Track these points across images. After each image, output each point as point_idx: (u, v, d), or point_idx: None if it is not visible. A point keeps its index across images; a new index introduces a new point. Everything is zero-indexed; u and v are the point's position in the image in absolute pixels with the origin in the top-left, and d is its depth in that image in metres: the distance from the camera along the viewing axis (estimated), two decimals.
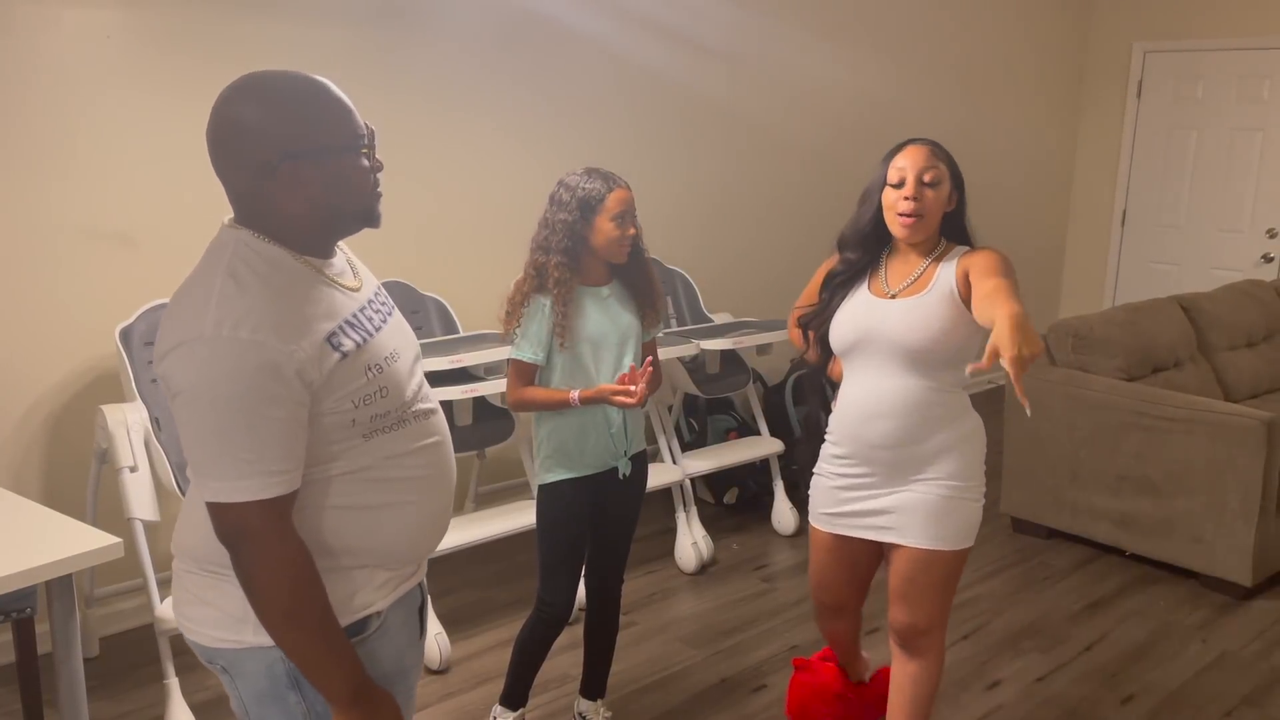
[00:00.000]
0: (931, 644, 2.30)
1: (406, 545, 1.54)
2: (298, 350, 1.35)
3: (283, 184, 1.38)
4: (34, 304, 2.98)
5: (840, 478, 2.27)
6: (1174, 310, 4.44)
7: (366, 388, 1.43)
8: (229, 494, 1.34)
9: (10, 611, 2.41)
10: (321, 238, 1.46)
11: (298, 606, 1.38)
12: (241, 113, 1.39)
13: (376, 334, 1.48)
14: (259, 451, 1.33)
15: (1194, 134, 6.16)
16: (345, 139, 1.42)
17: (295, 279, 1.41)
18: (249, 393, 1.32)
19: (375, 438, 1.46)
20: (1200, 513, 3.67)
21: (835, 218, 2.32)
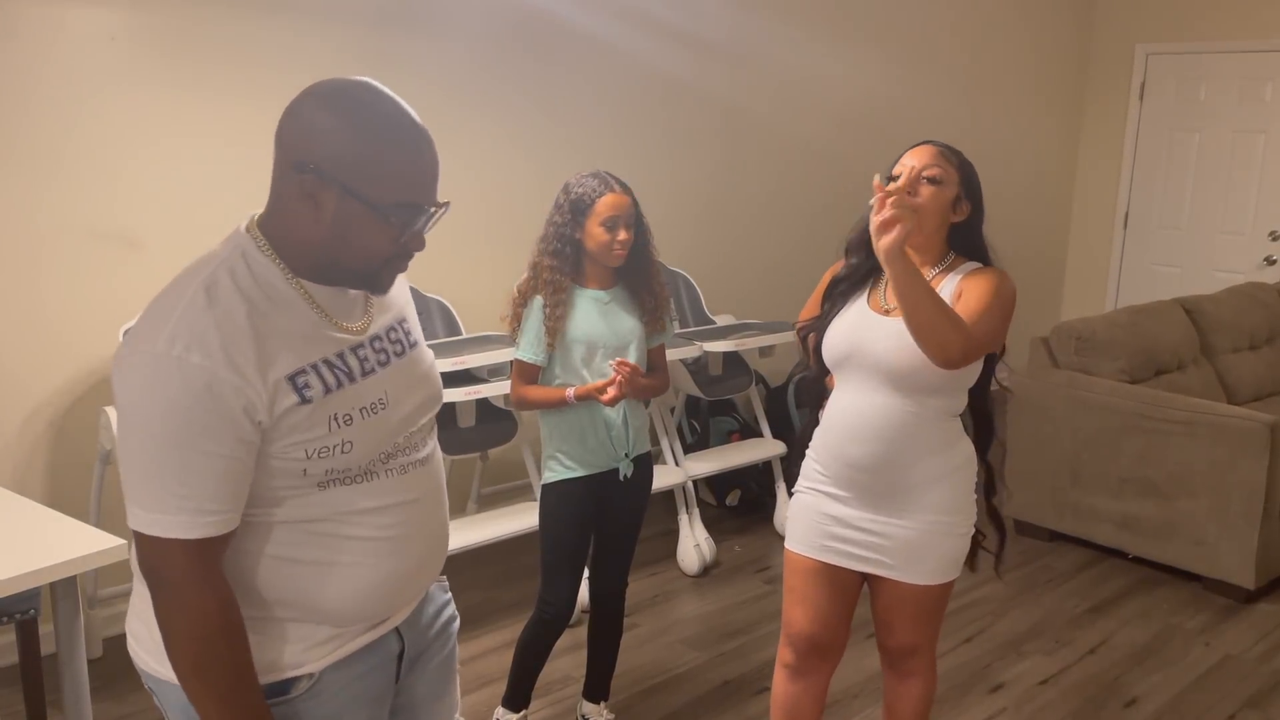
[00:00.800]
0: (920, 664, 2.24)
1: (355, 607, 1.37)
2: (249, 386, 1.22)
3: (301, 192, 1.26)
4: (38, 305, 2.99)
5: (824, 498, 2.13)
6: (1176, 312, 4.44)
7: (326, 439, 1.29)
8: (152, 526, 1.22)
9: (14, 613, 2.41)
10: (318, 270, 1.32)
11: (207, 661, 1.25)
12: (314, 108, 1.26)
13: (362, 379, 1.34)
14: (191, 487, 1.21)
15: (1196, 136, 6.15)
16: (385, 198, 1.26)
17: (278, 303, 1.29)
18: (189, 423, 1.20)
19: (332, 488, 1.32)
20: (1203, 515, 3.67)
21: (840, 220, 2.30)
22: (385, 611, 1.43)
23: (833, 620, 2.19)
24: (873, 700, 2.98)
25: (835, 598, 2.17)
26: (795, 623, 2.21)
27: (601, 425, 2.46)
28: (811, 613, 2.18)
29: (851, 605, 2.21)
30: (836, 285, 2.16)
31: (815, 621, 2.19)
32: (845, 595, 2.18)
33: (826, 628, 2.19)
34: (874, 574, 2.13)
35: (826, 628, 2.19)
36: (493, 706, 2.76)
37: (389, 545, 1.38)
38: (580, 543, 2.53)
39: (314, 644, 1.37)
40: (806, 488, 2.18)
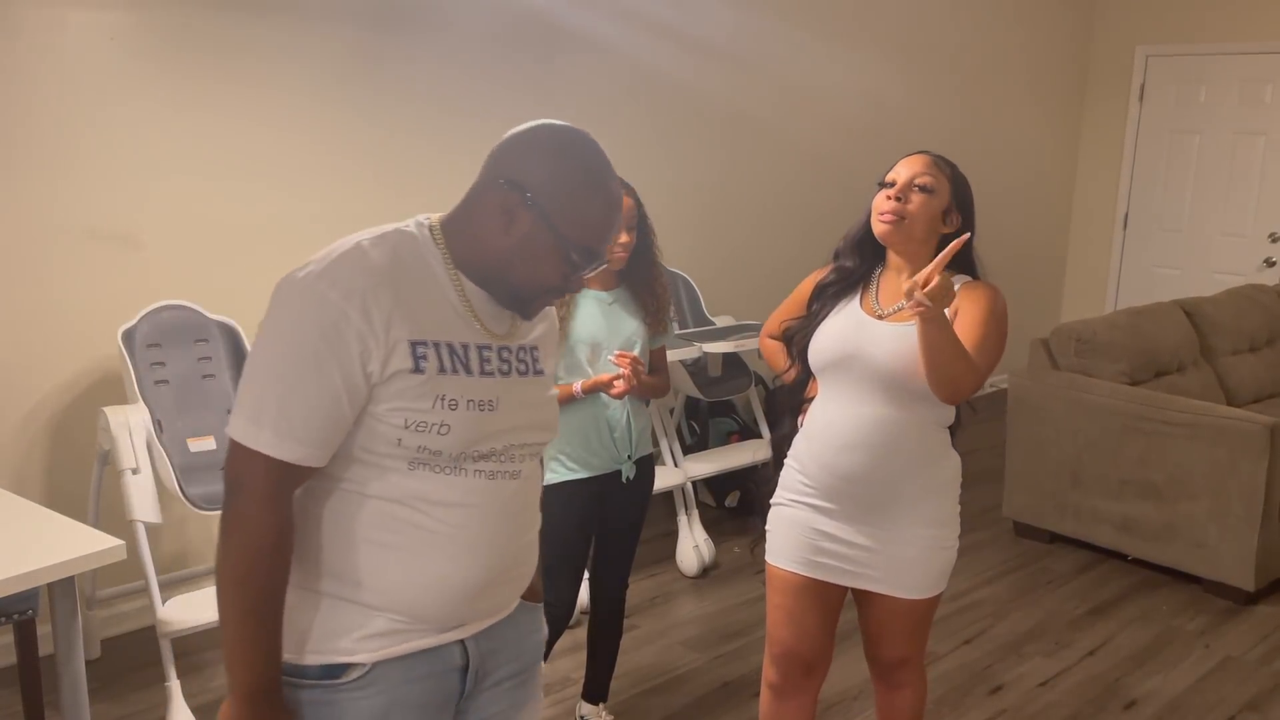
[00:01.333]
0: (909, 676, 2.21)
1: (416, 600, 1.39)
2: (373, 336, 1.30)
3: (500, 203, 1.37)
4: (37, 305, 2.98)
5: (810, 511, 2.08)
6: (1176, 314, 4.43)
7: (426, 415, 1.34)
8: (245, 435, 1.29)
9: (12, 613, 2.40)
10: (482, 274, 1.41)
11: (251, 575, 1.31)
12: (539, 141, 1.39)
13: (479, 375, 1.39)
14: (289, 411, 1.28)
15: (1196, 138, 6.15)
16: (571, 234, 1.37)
17: (426, 281, 1.37)
18: (307, 352, 1.28)
19: (420, 471, 1.36)
20: (1203, 517, 3.67)
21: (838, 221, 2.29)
22: (447, 615, 1.42)
23: (819, 637, 2.16)
24: (870, 702, 2.96)
25: (821, 613, 2.14)
26: (780, 641, 2.17)
27: (604, 427, 2.46)
28: (794, 630, 2.14)
29: (835, 619, 2.18)
30: (826, 285, 2.12)
31: (802, 640, 2.15)
32: (830, 610, 2.15)
33: (814, 646, 2.15)
34: (862, 588, 2.09)
35: (814, 646, 2.15)
36: None
37: (461, 546, 1.39)
38: (581, 544, 2.53)
39: (372, 634, 1.38)
40: (790, 500, 2.13)
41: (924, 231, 2.00)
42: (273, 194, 3.36)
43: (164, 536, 3.26)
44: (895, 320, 2.01)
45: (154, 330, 3.01)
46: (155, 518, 2.78)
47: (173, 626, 2.68)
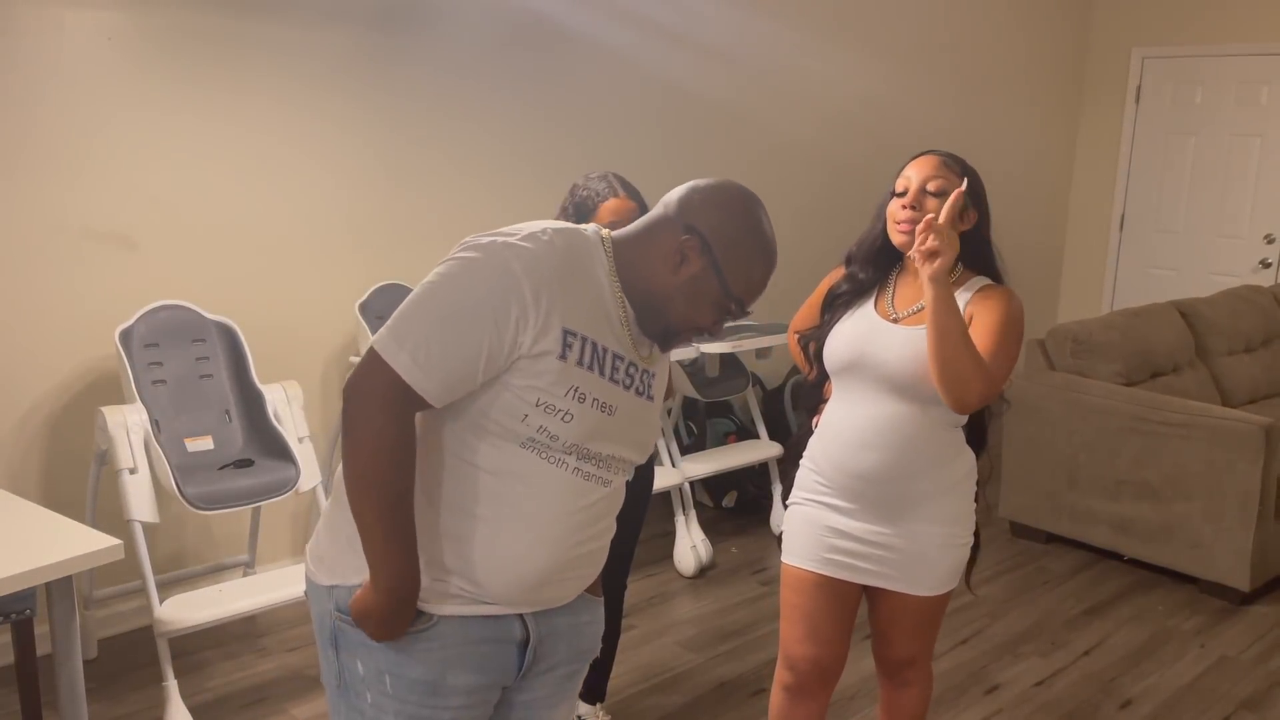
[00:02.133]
0: (915, 675, 2.22)
1: (486, 572, 1.47)
2: (533, 313, 1.39)
3: (677, 244, 1.49)
4: (34, 305, 2.98)
5: (825, 510, 2.08)
6: (1172, 315, 4.45)
7: (557, 399, 1.43)
8: (383, 347, 1.40)
9: (9, 613, 2.40)
10: (640, 300, 1.51)
11: (375, 475, 1.40)
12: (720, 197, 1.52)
13: (606, 379, 1.48)
14: (434, 342, 1.38)
15: (1192, 139, 6.17)
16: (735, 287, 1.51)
17: (592, 283, 1.48)
18: (471, 303, 1.39)
19: (528, 452, 1.45)
20: (1199, 518, 3.68)
21: (836, 221, 2.31)
22: (513, 596, 1.50)
23: (834, 639, 2.14)
24: (870, 701, 2.98)
25: (836, 613, 2.13)
26: (793, 642, 2.16)
27: None
28: (810, 631, 2.13)
29: (851, 620, 2.17)
30: (837, 295, 2.12)
31: (816, 642, 2.13)
32: (845, 609, 2.14)
33: (828, 648, 2.14)
34: (874, 586, 2.10)
35: (828, 648, 2.14)
36: None
37: (541, 533, 1.47)
38: None
39: (444, 594, 1.47)
40: (805, 499, 2.13)
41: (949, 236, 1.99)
42: (271, 194, 3.36)
43: (161, 536, 3.26)
44: (909, 324, 2.01)
45: (151, 330, 3.01)
46: (153, 517, 2.78)
47: (170, 626, 2.68)
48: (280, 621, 3.32)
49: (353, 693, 1.51)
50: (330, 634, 1.51)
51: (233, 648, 3.17)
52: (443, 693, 1.50)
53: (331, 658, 1.52)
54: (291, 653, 3.17)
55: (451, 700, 1.50)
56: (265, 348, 3.21)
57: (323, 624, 1.53)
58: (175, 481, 2.77)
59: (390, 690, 1.48)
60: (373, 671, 1.48)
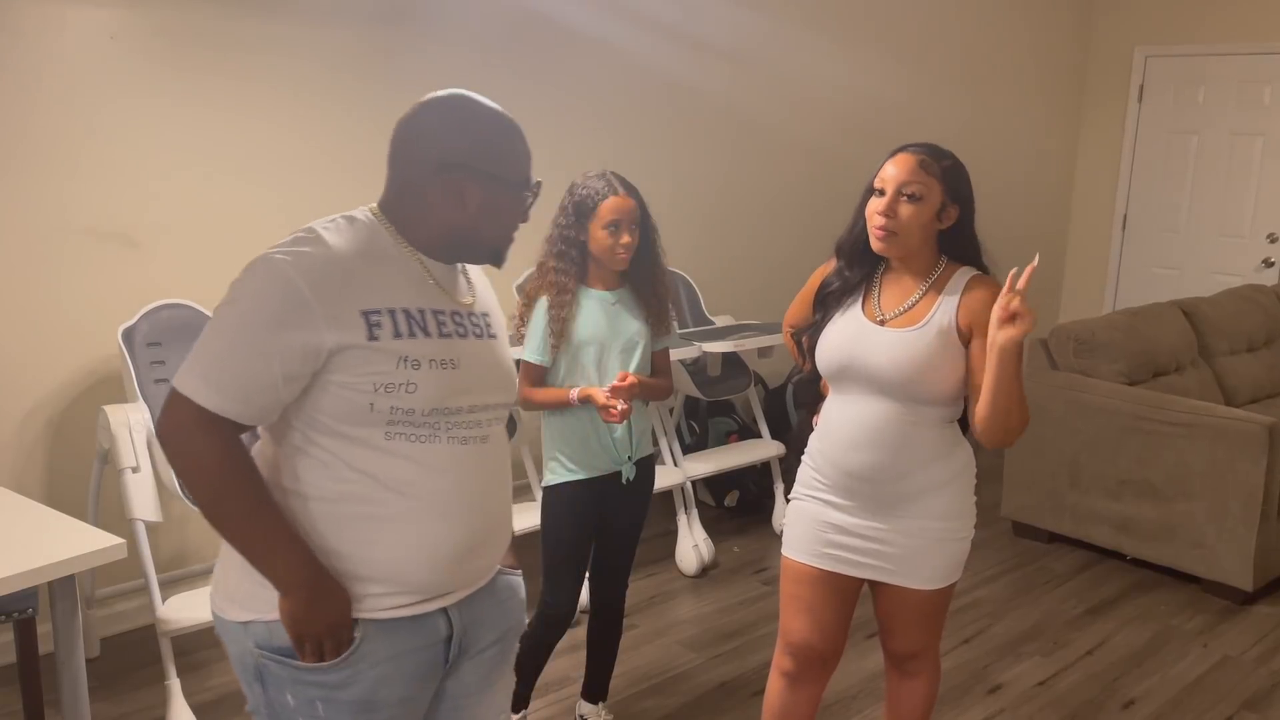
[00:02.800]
0: (924, 665, 2.23)
1: (403, 567, 1.47)
2: (323, 310, 1.40)
3: (445, 188, 1.49)
4: (37, 304, 2.98)
5: (823, 505, 2.10)
6: (1175, 315, 4.44)
7: (392, 375, 1.43)
8: (180, 381, 1.41)
9: (12, 612, 2.40)
10: (446, 248, 1.54)
11: (220, 497, 1.42)
12: (439, 116, 1.53)
13: (439, 337, 1.49)
14: (223, 365, 1.40)
15: (1195, 138, 6.16)
16: (516, 178, 1.54)
17: (378, 257, 1.48)
18: (252, 316, 1.40)
19: (398, 440, 1.45)
20: (1201, 517, 3.67)
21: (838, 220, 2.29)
22: (434, 581, 1.51)
23: (832, 628, 2.17)
24: (871, 701, 2.98)
25: (835, 605, 2.15)
26: (795, 632, 2.18)
27: (604, 429, 2.45)
28: (812, 622, 2.15)
29: (850, 612, 2.19)
30: (828, 290, 2.12)
31: (815, 631, 2.16)
32: (845, 602, 2.16)
33: (827, 637, 2.16)
34: (876, 580, 2.12)
35: (827, 637, 2.16)
36: None
37: (441, 512, 1.49)
38: (582, 545, 2.53)
39: (359, 599, 1.46)
40: (805, 495, 2.15)
41: (918, 239, 2.00)
42: (273, 192, 3.36)
43: (163, 535, 3.26)
44: (895, 325, 2.01)
45: (154, 329, 3.01)
46: (155, 516, 2.79)
47: (172, 625, 2.69)
48: None
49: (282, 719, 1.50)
50: (254, 671, 1.49)
51: None
52: (376, 707, 1.49)
53: (258, 691, 1.50)
54: None
55: (385, 713, 1.50)
56: None
57: (244, 661, 1.50)
58: (177, 480, 2.77)
59: (323, 715, 1.48)
60: (304, 701, 1.47)
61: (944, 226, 2.01)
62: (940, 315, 1.99)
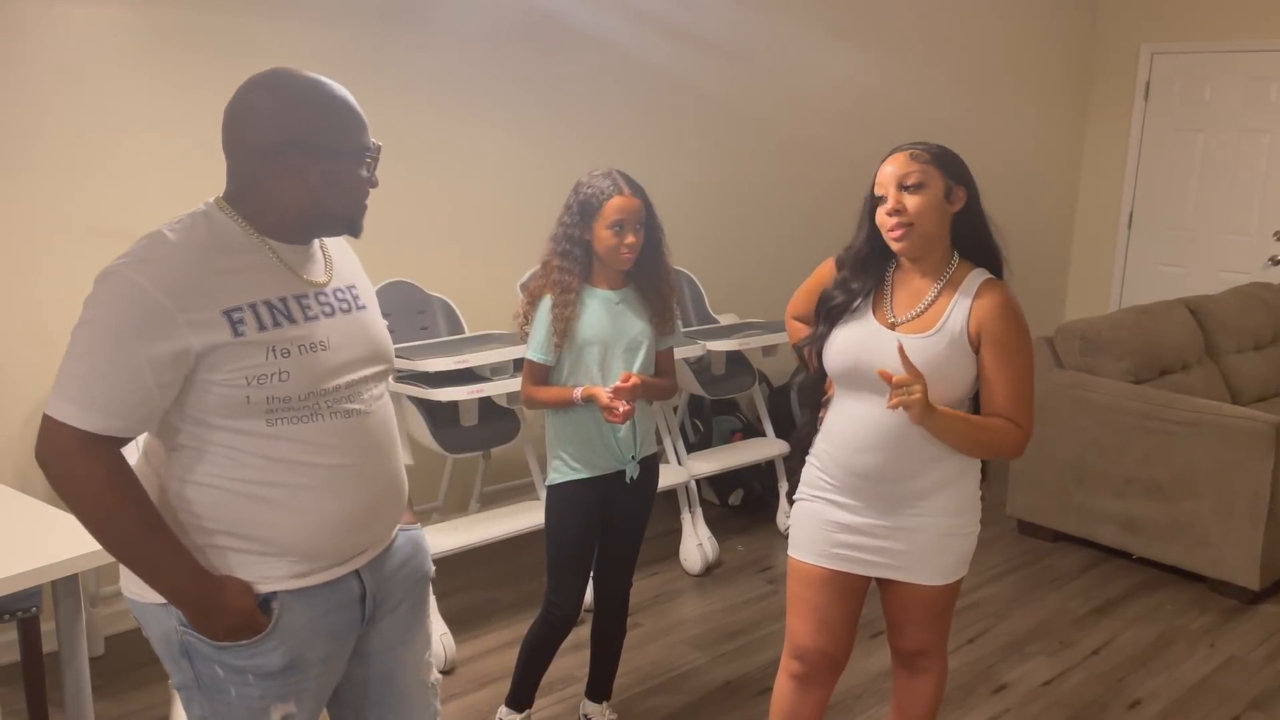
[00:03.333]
0: (932, 663, 2.23)
1: (306, 541, 1.53)
2: (187, 315, 1.41)
3: (283, 169, 1.49)
4: (40, 303, 2.98)
5: (829, 506, 2.10)
6: (1181, 313, 4.42)
7: (263, 367, 1.46)
8: (52, 408, 1.42)
9: (16, 610, 2.40)
10: (299, 228, 1.55)
11: (106, 519, 1.44)
12: (262, 98, 1.51)
13: (305, 321, 1.52)
14: (90, 384, 1.41)
15: (1201, 136, 6.14)
16: (350, 146, 1.52)
17: (229, 251, 1.49)
18: (115, 330, 1.40)
19: (280, 424, 1.49)
20: (1208, 516, 3.66)
21: (841, 218, 2.29)
22: (339, 548, 1.57)
23: (840, 630, 2.15)
24: (875, 700, 2.97)
25: (842, 606, 2.14)
26: (803, 635, 2.16)
27: (607, 428, 2.44)
28: (818, 624, 2.14)
29: (857, 612, 2.18)
30: (832, 305, 2.10)
31: (823, 634, 2.14)
32: (853, 602, 2.15)
33: (835, 639, 2.15)
34: (884, 577, 2.11)
35: (835, 639, 2.15)
36: (495, 706, 2.76)
37: (334, 484, 1.53)
38: (586, 544, 2.52)
39: (272, 575, 1.53)
40: (811, 495, 2.14)
41: (935, 226, 1.99)
42: None
43: None
44: (906, 330, 2.01)
45: None
46: None
47: None
48: None
49: (215, 690, 1.55)
50: (180, 648, 1.53)
51: None
52: (301, 668, 1.57)
53: (185, 667, 1.54)
54: None
55: (311, 672, 1.58)
56: None
57: (168, 639, 1.54)
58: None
59: (253, 682, 1.54)
60: (232, 671, 1.53)
61: (955, 208, 2.01)
62: (953, 321, 1.99)
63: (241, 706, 1.55)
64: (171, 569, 1.46)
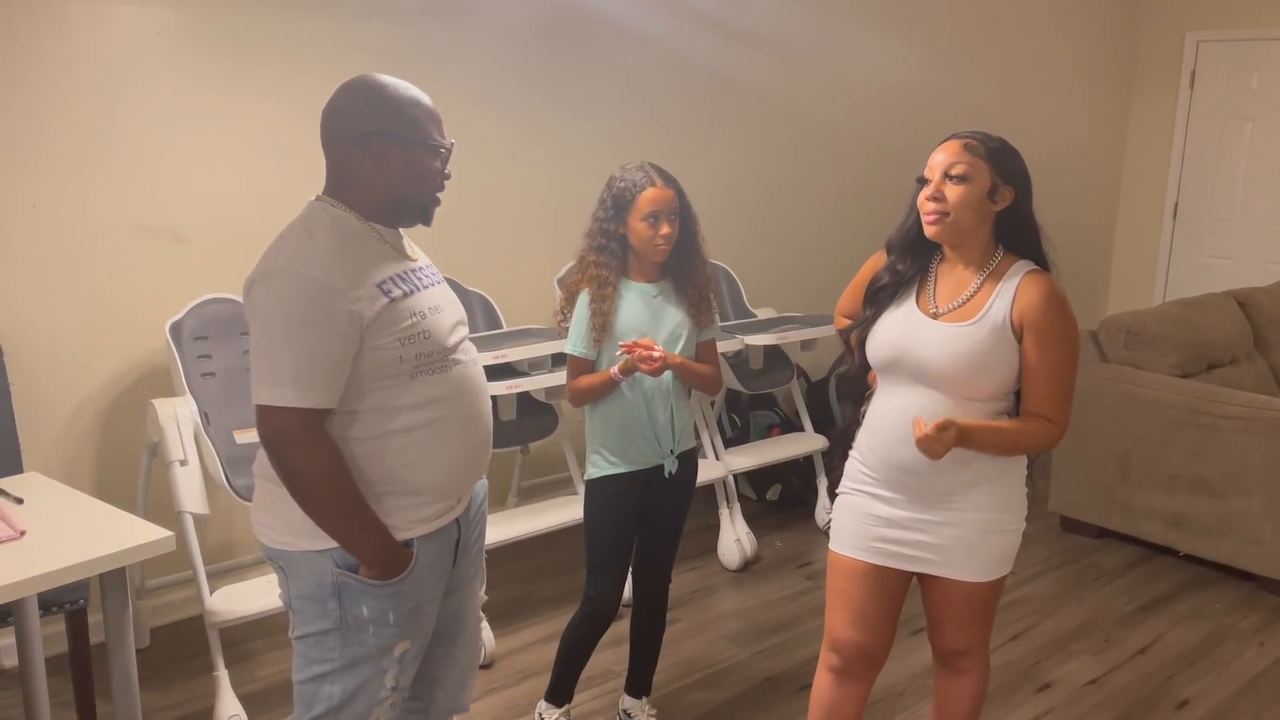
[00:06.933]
0: (973, 663, 2.19)
1: (442, 480, 1.79)
2: (353, 291, 1.65)
3: (369, 155, 1.73)
4: (86, 300, 3.02)
5: (870, 499, 2.09)
6: (1229, 305, 4.34)
7: (412, 327, 1.72)
8: (271, 398, 1.63)
9: (64, 603, 2.44)
10: (388, 212, 1.78)
11: (328, 496, 1.68)
12: (352, 96, 1.76)
13: (422, 290, 1.78)
14: (301, 367, 1.62)
15: (1248, 125, 6.01)
16: (424, 138, 1.76)
17: (357, 236, 1.73)
18: (306, 320, 1.62)
19: (420, 377, 1.73)
20: (1257, 513, 3.59)
21: (879, 210, 2.27)
22: (460, 486, 1.85)
23: (879, 625, 2.13)
24: (917, 698, 2.94)
25: (882, 601, 2.12)
26: (839, 628, 2.15)
27: (647, 422, 2.44)
28: (857, 618, 2.12)
29: (898, 607, 2.16)
30: (879, 287, 2.09)
31: (862, 628, 2.13)
32: (892, 597, 2.13)
33: (873, 634, 2.13)
34: (924, 573, 2.09)
35: (873, 634, 2.13)
36: (534, 700, 2.76)
37: (460, 426, 1.81)
38: (625, 538, 2.51)
39: (415, 519, 1.79)
40: (852, 489, 2.13)
41: (971, 221, 1.98)
42: (316, 187, 3.37)
43: (211, 527, 3.29)
44: (949, 320, 1.99)
45: (200, 323, 3.04)
46: (203, 509, 2.81)
47: (220, 616, 2.71)
48: None
49: (355, 630, 1.76)
50: (332, 589, 1.75)
51: (280, 638, 3.20)
52: (425, 609, 1.84)
53: (333, 608, 1.75)
54: None
55: (426, 610, 1.85)
56: None
57: (319, 582, 1.75)
58: (224, 473, 2.80)
59: (391, 620, 1.78)
60: (377, 612, 1.76)
61: (999, 208, 1.99)
62: (995, 311, 1.96)
63: (375, 644, 1.77)
64: (368, 526, 1.71)
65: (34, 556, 1.89)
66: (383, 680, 1.82)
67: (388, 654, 1.80)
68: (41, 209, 2.92)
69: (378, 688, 1.82)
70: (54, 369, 3.00)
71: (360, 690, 1.80)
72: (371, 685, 1.80)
